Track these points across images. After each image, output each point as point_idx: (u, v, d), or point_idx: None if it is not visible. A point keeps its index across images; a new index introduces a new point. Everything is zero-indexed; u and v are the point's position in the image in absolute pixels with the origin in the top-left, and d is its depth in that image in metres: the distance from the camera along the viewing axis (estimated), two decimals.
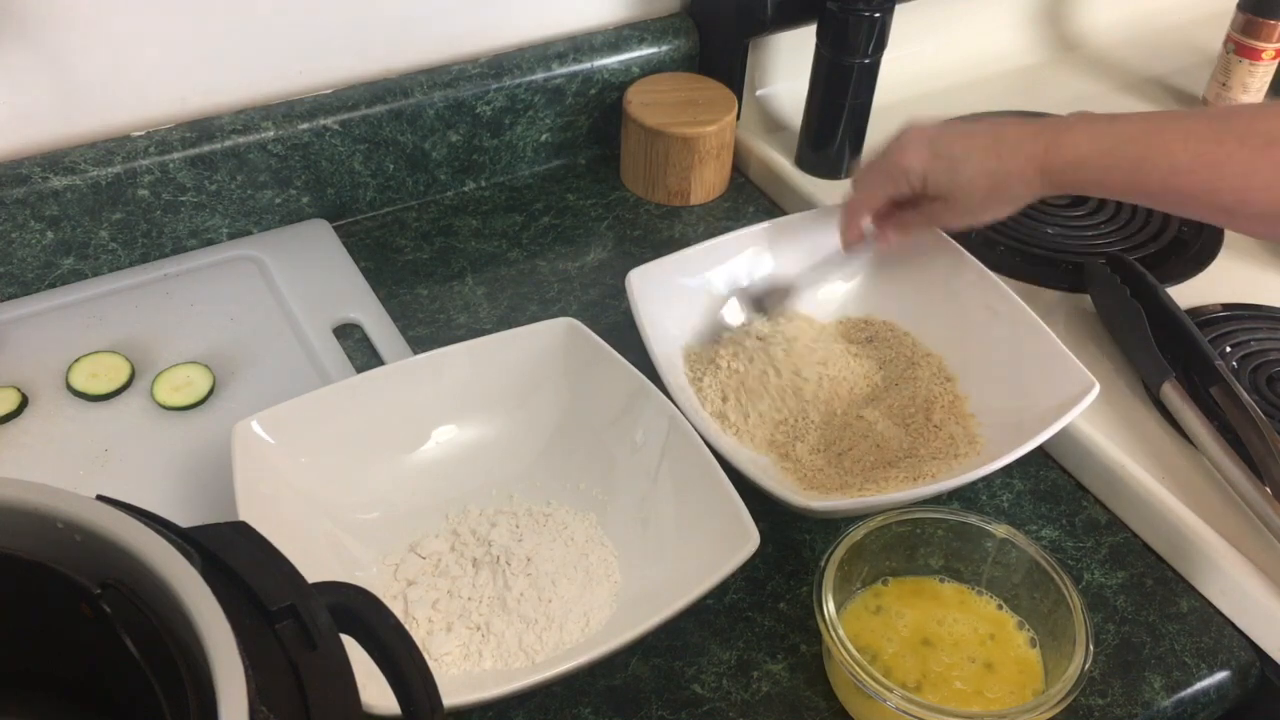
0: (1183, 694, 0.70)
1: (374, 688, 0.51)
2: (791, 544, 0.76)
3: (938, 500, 0.75)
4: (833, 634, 0.62)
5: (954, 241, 0.87)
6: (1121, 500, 0.78)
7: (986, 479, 0.79)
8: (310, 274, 0.92)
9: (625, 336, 0.80)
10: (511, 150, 1.04)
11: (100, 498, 0.43)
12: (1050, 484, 0.81)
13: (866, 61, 0.96)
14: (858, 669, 0.61)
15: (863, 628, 0.67)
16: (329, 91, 0.94)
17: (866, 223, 0.86)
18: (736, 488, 0.69)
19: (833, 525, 0.76)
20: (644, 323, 0.80)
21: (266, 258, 0.93)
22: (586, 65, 1.02)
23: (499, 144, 1.03)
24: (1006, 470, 0.78)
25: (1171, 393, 0.80)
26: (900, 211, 0.84)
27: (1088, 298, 0.91)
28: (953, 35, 1.17)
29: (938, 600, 0.69)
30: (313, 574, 0.47)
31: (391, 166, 0.98)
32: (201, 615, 0.39)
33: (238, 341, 0.86)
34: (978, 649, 0.66)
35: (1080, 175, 0.74)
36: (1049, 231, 0.98)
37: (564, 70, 1.02)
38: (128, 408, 0.81)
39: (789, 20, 1.01)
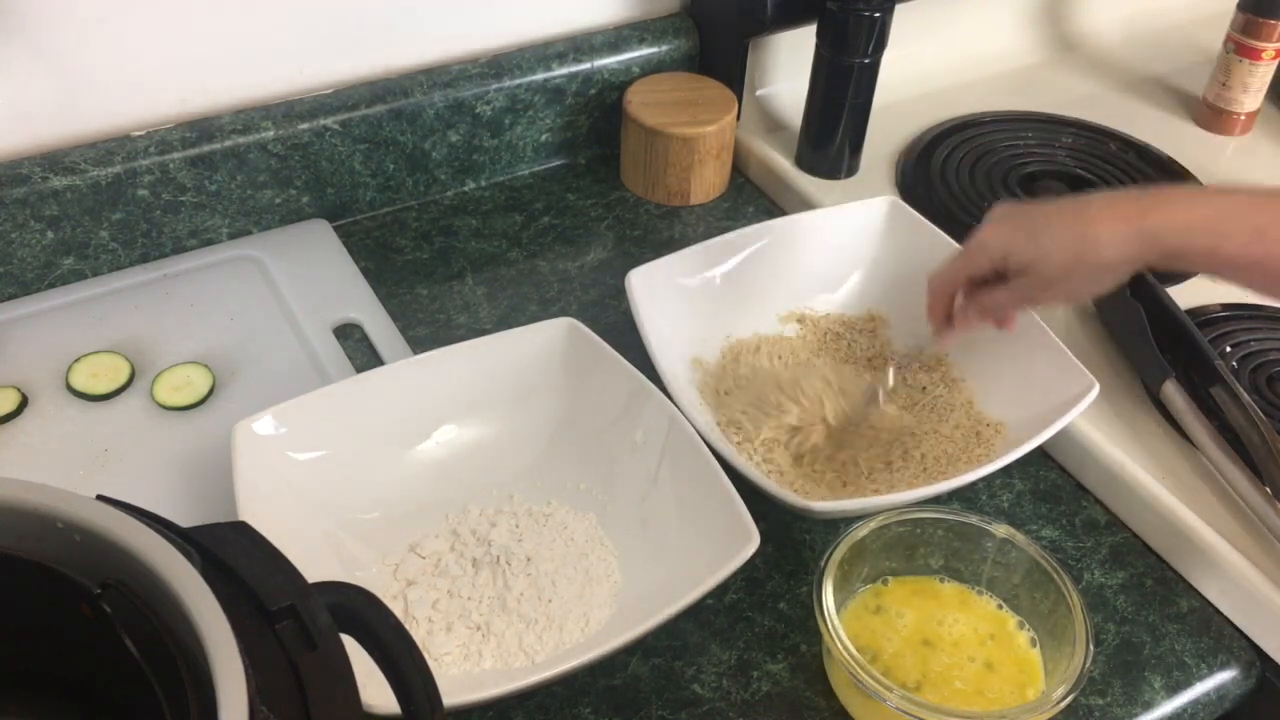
0: (1183, 694, 0.70)
1: (374, 688, 0.51)
2: (791, 544, 0.75)
3: (938, 500, 0.75)
4: (833, 634, 0.62)
5: (954, 242, 0.87)
6: (1121, 500, 0.78)
7: (986, 479, 0.79)
8: (310, 274, 0.92)
9: (625, 336, 0.80)
10: (511, 150, 1.04)
11: (100, 498, 0.43)
12: (1050, 484, 0.81)
13: (866, 61, 0.96)
14: (858, 669, 0.61)
15: (863, 628, 0.67)
16: (329, 91, 0.94)
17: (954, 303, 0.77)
18: (736, 488, 0.69)
19: (833, 525, 0.76)
20: (644, 323, 0.80)
21: (266, 258, 0.93)
22: (586, 65, 1.02)
23: (499, 144, 1.03)
24: (1006, 470, 0.78)
25: (1171, 393, 0.80)
26: (987, 291, 0.75)
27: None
28: (953, 35, 1.17)
29: (938, 600, 0.69)
30: (313, 574, 0.47)
31: (391, 166, 0.98)
32: (201, 615, 0.39)
33: (238, 341, 0.86)
34: (978, 649, 0.67)
35: (1189, 241, 0.67)
36: None
37: (564, 70, 1.02)
38: (128, 408, 0.81)
39: (789, 20, 1.01)
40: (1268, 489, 0.74)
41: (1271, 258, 0.66)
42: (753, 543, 0.66)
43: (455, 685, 0.63)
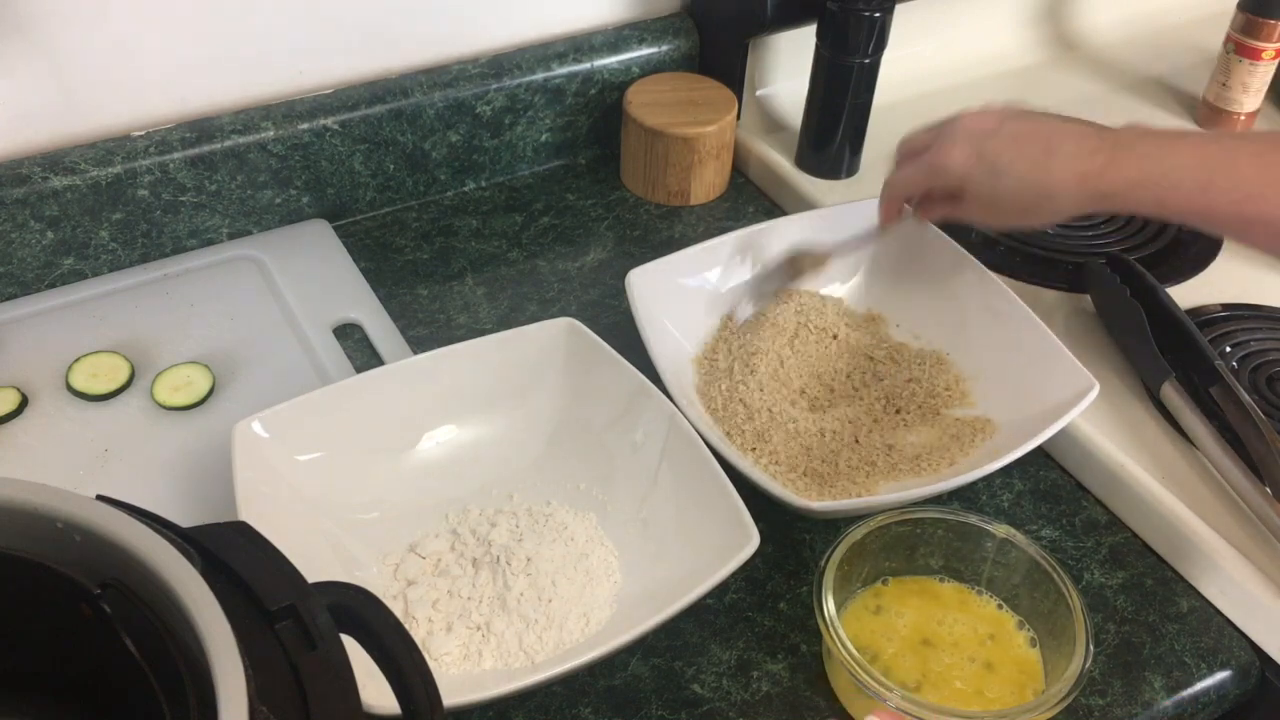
0: (1183, 694, 0.70)
1: (374, 688, 0.51)
2: (791, 544, 0.75)
3: (938, 500, 0.75)
4: (833, 634, 0.62)
5: (954, 241, 0.87)
6: (1121, 500, 0.78)
7: (986, 479, 0.79)
8: (310, 274, 0.92)
9: (625, 336, 0.80)
10: (511, 150, 1.04)
11: (100, 498, 0.43)
12: (1050, 484, 0.81)
13: (866, 61, 0.96)
14: (858, 669, 0.61)
15: (863, 628, 0.67)
16: (329, 91, 0.94)
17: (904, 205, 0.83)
18: (736, 488, 0.69)
19: (833, 525, 0.76)
20: (644, 323, 0.80)
21: (266, 258, 0.93)
22: (586, 65, 1.02)
23: (499, 144, 1.03)
24: (1006, 470, 0.78)
25: (1171, 393, 0.80)
26: (937, 201, 0.80)
27: (1088, 298, 0.91)
28: (953, 35, 1.17)
29: (938, 600, 0.69)
30: (313, 574, 0.47)
31: (391, 166, 0.98)
32: (201, 615, 0.39)
33: (238, 341, 0.86)
34: (978, 649, 0.67)
35: (1138, 194, 0.69)
36: (1049, 231, 0.98)
37: (564, 70, 1.02)
38: (128, 408, 0.81)
39: (789, 20, 1.01)
40: (1268, 489, 0.74)
41: (1215, 209, 0.68)
42: (753, 543, 0.66)
43: (455, 685, 0.63)
